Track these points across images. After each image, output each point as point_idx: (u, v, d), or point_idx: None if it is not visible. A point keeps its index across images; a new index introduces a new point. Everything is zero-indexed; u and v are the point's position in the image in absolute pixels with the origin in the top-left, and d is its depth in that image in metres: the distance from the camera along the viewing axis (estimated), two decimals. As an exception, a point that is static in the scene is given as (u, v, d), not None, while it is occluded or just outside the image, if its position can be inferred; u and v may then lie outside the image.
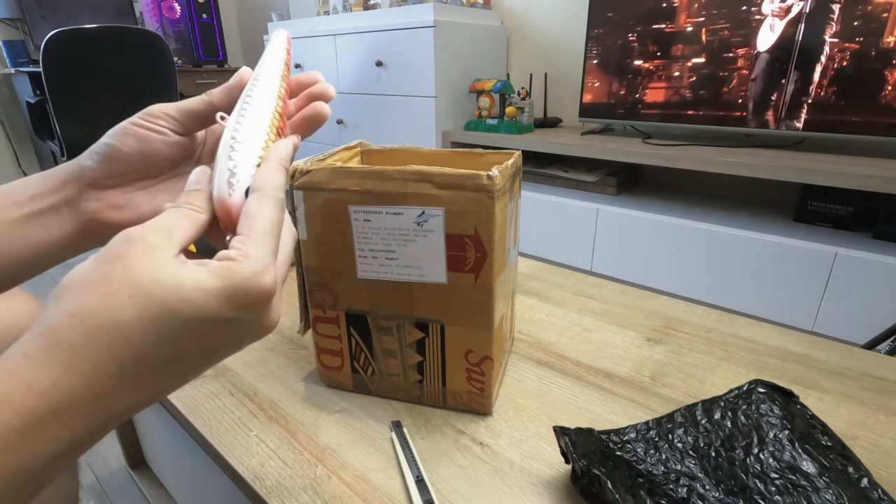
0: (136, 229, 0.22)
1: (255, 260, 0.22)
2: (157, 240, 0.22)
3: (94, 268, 0.21)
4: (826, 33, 1.35)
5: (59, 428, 0.19)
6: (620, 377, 0.54)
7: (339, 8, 2.52)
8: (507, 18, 2.24)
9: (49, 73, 2.00)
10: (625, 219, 1.62)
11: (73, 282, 0.21)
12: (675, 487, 0.37)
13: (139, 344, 0.20)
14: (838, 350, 0.59)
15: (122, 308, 0.20)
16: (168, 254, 0.22)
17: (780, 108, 1.47)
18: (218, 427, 0.48)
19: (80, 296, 0.20)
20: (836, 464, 0.37)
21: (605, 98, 1.81)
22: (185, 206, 0.25)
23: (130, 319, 0.20)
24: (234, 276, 0.22)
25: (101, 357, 0.19)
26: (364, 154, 0.57)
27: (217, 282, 0.21)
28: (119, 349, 0.20)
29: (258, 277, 0.22)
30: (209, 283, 0.21)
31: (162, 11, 2.96)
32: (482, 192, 0.40)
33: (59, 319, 0.20)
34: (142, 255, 0.21)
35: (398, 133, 2.18)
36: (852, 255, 1.25)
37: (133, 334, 0.20)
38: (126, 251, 0.21)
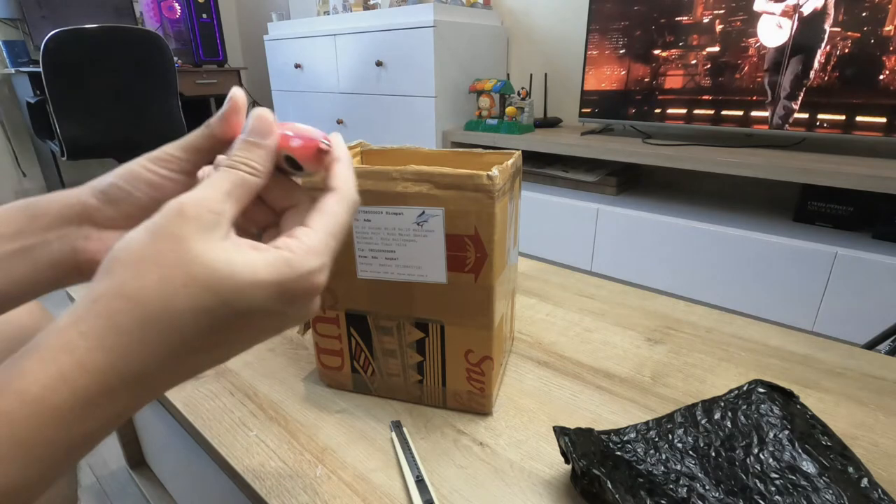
0: (189, 203, 0.21)
1: (314, 256, 0.23)
2: (212, 219, 0.21)
3: (147, 243, 0.21)
4: (826, 33, 1.35)
5: (110, 407, 0.20)
6: (620, 377, 0.54)
7: (339, 8, 2.52)
8: (507, 18, 2.24)
9: (49, 73, 2.00)
10: (625, 219, 1.62)
11: (126, 256, 0.20)
12: (675, 487, 0.37)
13: (190, 333, 0.20)
14: (838, 350, 0.59)
15: (176, 296, 0.20)
16: (222, 234, 0.22)
17: (780, 107, 1.47)
18: (218, 427, 0.48)
19: (135, 276, 0.20)
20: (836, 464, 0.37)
21: (605, 98, 1.81)
22: (243, 168, 0.24)
23: (184, 310, 0.20)
24: (291, 273, 0.22)
25: (155, 345, 0.20)
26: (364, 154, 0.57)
27: (273, 276, 0.21)
28: (171, 338, 0.20)
29: (312, 276, 0.22)
30: (264, 277, 0.21)
31: (162, 11, 2.96)
32: (482, 192, 0.40)
33: (114, 301, 0.20)
34: (196, 236, 0.21)
35: (398, 133, 2.18)
36: (852, 255, 1.25)
37: (186, 324, 0.20)
38: (181, 230, 0.21)
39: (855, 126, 1.37)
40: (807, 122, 1.43)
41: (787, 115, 1.46)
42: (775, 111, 1.48)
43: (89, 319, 0.20)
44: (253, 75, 3.53)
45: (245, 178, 0.23)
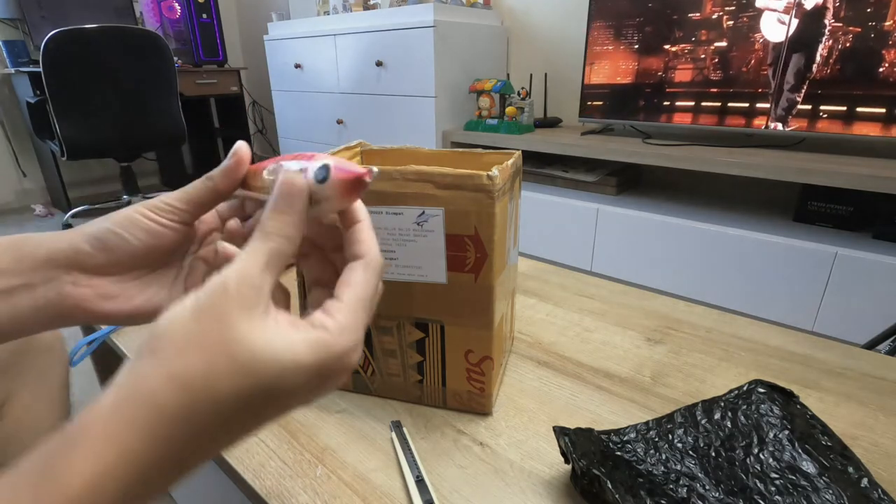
0: (232, 280, 0.21)
1: (349, 334, 0.23)
2: (253, 295, 0.21)
3: (192, 322, 0.21)
4: (826, 33, 1.35)
5: (146, 490, 0.20)
6: (620, 377, 0.54)
7: (339, 8, 2.52)
8: (507, 18, 2.24)
9: (49, 73, 2.00)
10: (625, 219, 1.62)
11: (172, 335, 0.20)
12: (675, 487, 0.37)
13: (230, 415, 0.21)
14: (838, 350, 0.59)
15: (220, 382, 0.20)
16: (263, 309, 0.22)
17: (780, 107, 1.47)
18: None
19: (181, 358, 0.20)
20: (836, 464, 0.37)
21: (605, 98, 1.81)
22: (276, 240, 0.23)
23: (228, 396, 0.20)
24: (329, 354, 0.22)
25: (198, 433, 0.20)
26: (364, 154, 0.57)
27: (311, 359, 0.21)
28: (214, 422, 0.20)
29: (349, 356, 0.23)
30: (303, 361, 0.21)
31: (162, 11, 2.96)
32: (482, 192, 0.40)
33: (159, 382, 0.20)
34: (239, 315, 0.21)
35: (398, 133, 2.18)
36: (852, 255, 1.25)
37: (227, 408, 0.20)
38: (224, 309, 0.21)
39: (855, 126, 1.37)
40: (807, 122, 1.43)
41: (787, 115, 1.46)
42: (776, 111, 1.48)
43: (135, 405, 0.19)
44: (253, 75, 3.53)
45: (279, 249, 0.23)
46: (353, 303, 0.24)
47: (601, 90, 1.81)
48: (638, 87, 1.73)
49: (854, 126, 1.37)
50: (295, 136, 2.78)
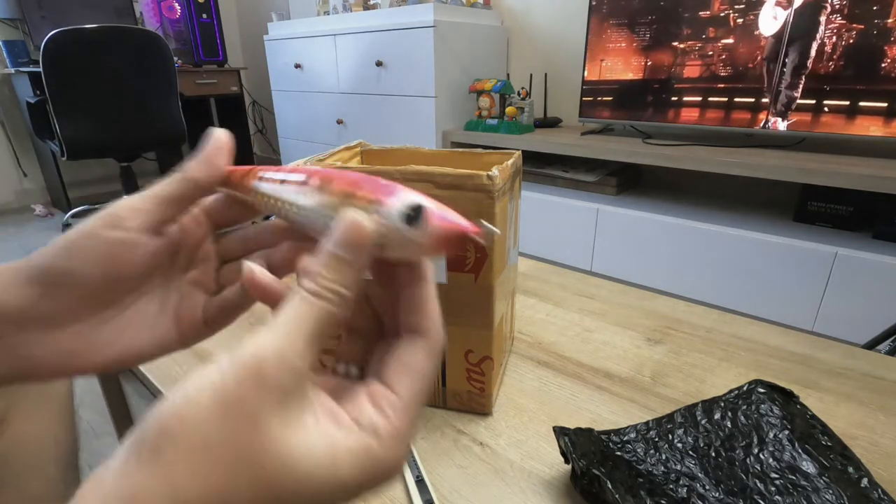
0: (270, 361, 0.16)
1: (401, 442, 0.18)
2: (293, 382, 0.16)
3: (213, 420, 0.15)
4: (827, 33, 1.35)
5: None
6: (620, 377, 0.54)
7: (339, 8, 2.52)
8: (507, 18, 2.24)
9: (49, 73, 2.00)
10: (625, 219, 1.62)
11: (183, 436, 0.15)
12: (675, 487, 0.37)
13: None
14: (838, 350, 0.59)
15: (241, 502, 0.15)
16: (300, 403, 0.17)
17: (780, 107, 1.47)
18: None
19: (193, 470, 0.15)
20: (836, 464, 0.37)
21: (605, 98, 1.81)
22: (330, 298, 0.18)
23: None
24: (376, 468, 0.18)
25: None
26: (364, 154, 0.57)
27: (356, 473, 0.17)
28: None
29: (398, 468, 0.19)
30: (347, 475, 0.17)
31: (162, 11, 2.96)
32: (482, 192, 0.40)
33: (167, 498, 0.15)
34: (272, 413, 0.16)
35: (398, 133, 2.18)
36: (852, 255, 1.25)
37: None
38: (256, 405, 0.15)
39: (856, 126, 1.37)
40: (807, 122, 1.44)
41: (787, 115, 1.46)
42: (776, 111, 1.48)
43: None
44: (253, 75, 3.53)
45: (332, 313, 0.18)
46: (412, 398, 0.19)
47: (601, 90, 1.81)
48: (638, 87, 1.73)
49: (854, 126, 1.37)
50: (295, 136, 2.78)
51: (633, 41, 1.69)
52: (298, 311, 0.17)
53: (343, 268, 0.18)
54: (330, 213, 0.20)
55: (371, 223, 0.18)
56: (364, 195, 0.20)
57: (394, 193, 0.20)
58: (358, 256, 0.18)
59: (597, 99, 1.83)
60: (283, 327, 0.17)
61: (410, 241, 0.19)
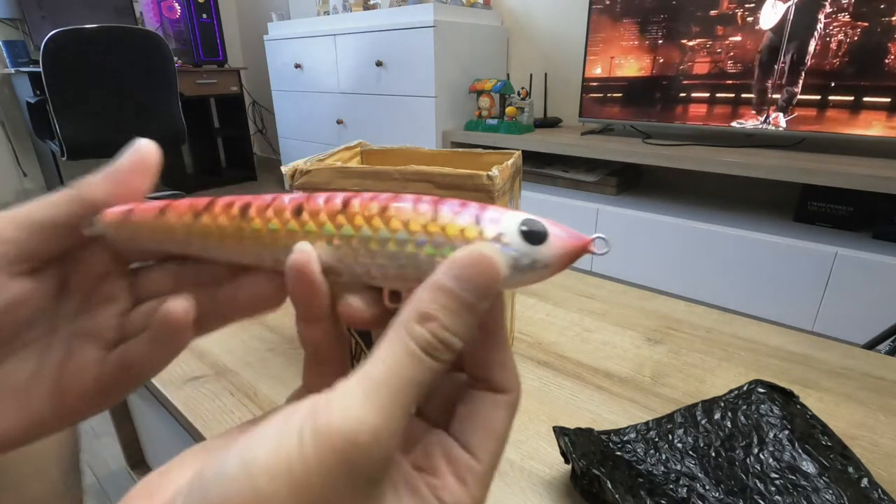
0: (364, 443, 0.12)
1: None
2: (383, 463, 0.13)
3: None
4: (827, 33, 1.35)
5: None
6: (620, 377, 0.54)
7: (339, 8, 2.52)
8: (507, 18, 2.24)
9: (49, 73, 2.00)
10: (625, 219, 1.62)
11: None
12: (675, 487, 0.37)
13: None
14: (838, 350, 0.59)
15: None
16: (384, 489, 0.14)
17: (780, 107, 1.47)
18: (218, 427, 0.48)
19: None
20: (836, 464, 0.37)
21: (605, 97, 1.81)
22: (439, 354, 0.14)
23: None
24: None
25: None
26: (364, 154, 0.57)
27: None
28: None
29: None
30: None
31: (162, 11, 2.96)
32: (482, 192, 0.40)
33: None
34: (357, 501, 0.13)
35: (398, 133, 2.18)
36: (852, 255, 1.25)
37: None
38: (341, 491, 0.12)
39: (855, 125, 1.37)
40: (807, 122, 1.44)
41: (787, 115, 1.46)
42: (775, 111, 1.48)
43: None
44: (253, 75, 3.53)
45: (439, 371, 0.14)
46: (493, 465, 0.16)
47: (601, 90, 1.81)
48: (638, 87, 1.73)
49: (854, 126, 1.37)
50: (295, 136, 2.78)
51: (634, 41, 1.69)
52: (404, 372, 0.13)
53: (465, 314, 0.14)
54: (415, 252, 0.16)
55: (499, 254, 0.15)
56: (458, 221, 0.16)
57: (496, 212, 0.16)
58: (484, 300, 0.15)
59: (597, 99, 1.83)
60: (382, 394, 0.13)
61: (535, 266, 0.16)
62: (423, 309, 0.14)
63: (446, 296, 0.14)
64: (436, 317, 0.14)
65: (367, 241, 0.16)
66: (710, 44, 1.54)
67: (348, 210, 0.17)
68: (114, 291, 0.19)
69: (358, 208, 0.17)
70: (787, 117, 1.46)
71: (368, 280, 0.17)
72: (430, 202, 0.16)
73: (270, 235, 0.17)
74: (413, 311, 0.14)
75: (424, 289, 0.14)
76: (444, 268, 0.15)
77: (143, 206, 0.18)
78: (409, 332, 0.14)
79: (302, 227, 0.17)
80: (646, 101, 1.72)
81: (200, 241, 0.18)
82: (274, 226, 0.17)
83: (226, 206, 0.18)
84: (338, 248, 0.16)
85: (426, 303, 0.14)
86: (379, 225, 0.16)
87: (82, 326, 0.19)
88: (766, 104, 1.49)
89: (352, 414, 0.12)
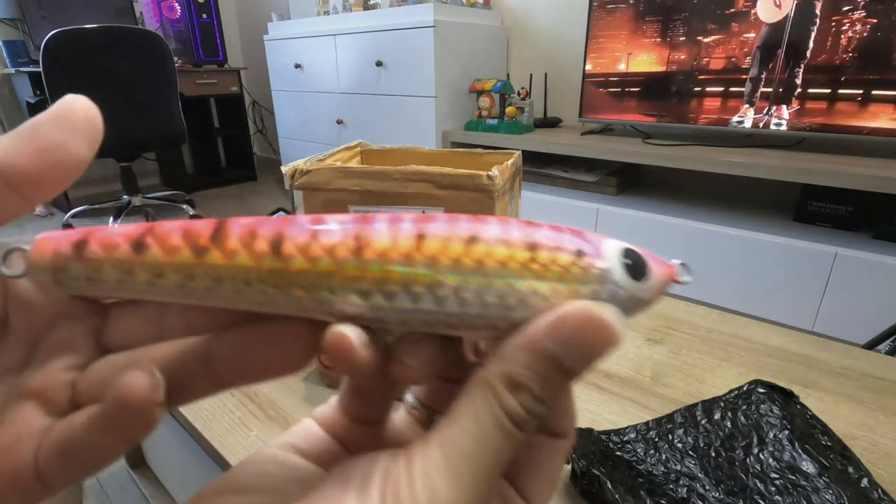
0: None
1: None
2: None
3: None
4: (827, 34, 1.35)
5: None
6: (620, 377, 0.54)
7: (339, 8, 2.52)
8: (507, 18, 2.24)
9: (49, 73, 2.00)
10: (625, 219, 1.62)
11: None
12: (675, 487, 0.37)
13: None
14: (838, 350, 0.59)
15: None
16: None
17: (780, 107, 1.47)
18: (218, 427, 0.48)
19: None
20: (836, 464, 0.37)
21: (605, 97, 1.81)
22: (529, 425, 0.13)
23: None
24: None
25: None
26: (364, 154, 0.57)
27: None
28: None
29: None
30: None
31: (162, 11, 2.96)
32: (482, 192, 0.40)
33: None
34: None
35: (398, 133, 2.18)
36: (852, 255, 1.25)
37: None
38: None
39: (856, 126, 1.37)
40: (807, 122, 1.43)
41: (787, 115, 1.46)
42: (775, 111, 1.48)
43: None
44: (253, 75, 3.53)
45: (525, 440, 0.13)
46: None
47: (601, 90, 1.81)
48: (638, 87, 1.73)
49: (854, 126, 1.37)
50: (295, 136, 2.78)
51: (634, 40, 1.69)
52: (491, 446, 0.12)
53: (560, 381, 0.12)
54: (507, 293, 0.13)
55: (614, 315, 0.12)
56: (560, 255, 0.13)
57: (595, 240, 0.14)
58: (586, 366, 0.12)
59: (597, 98, 1.83)
60: (469, 470, 0.12)
61: (637, 306, 0.13)
62: (517, 376, 0.12)
63: (546, 362, 0.12)
64: (530, 387, 0.12)
65: (456, 287, 0.13)
66: (711, 43, 1.54)
67: (424, 244, 0.13)
68: (71, 336, 0.14)
69: (438, 242, 0.13)
70: (788, 115, 1.46)
71: (441, 330, 0.13)
72: (520, 227, 0.13)
73: (320, 280, 0.13)
74: (504, 375, 0.12)
75: (519, 348, 0.12)
76: (546, 325, 0.12)
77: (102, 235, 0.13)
78: (499, 401, 0.12)
79: (364, 268, 0.13)
80: (646, 100, 1.72)
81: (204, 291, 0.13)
82: (326, 266, 0.13)
83: (245, 237, 0.13)
84: (412, 300, 0.13)
85: (521, 368, 0.12)
86: (467, 262, 0.13)
87: (23, 382, 0.14)
88: (767, 105, 1.49)
89: (440, 496, 0.11)
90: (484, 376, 0.12)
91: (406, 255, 0.13)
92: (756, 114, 1.51)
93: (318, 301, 0.13)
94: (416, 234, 0.13)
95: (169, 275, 0.13)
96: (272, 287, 0.13)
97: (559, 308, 0.12)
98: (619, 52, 1.73)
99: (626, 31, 1.69)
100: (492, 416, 0.12)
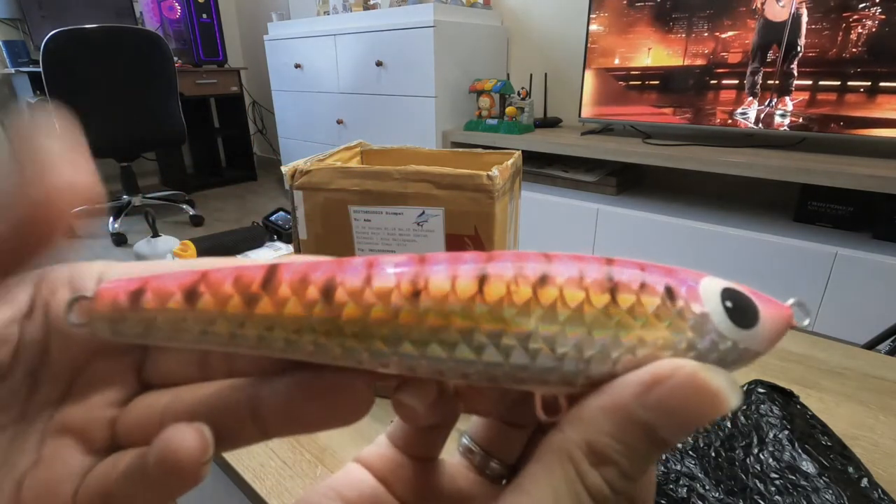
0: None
1: None
2: None
3: None
4: (828, 34, 1.35)
5: None
6: (620, 377, 0.54)
7: (339, 8, 2.52)
8: (507, 18, 2.24)
9: (49, 73, 2.00)
10: (625, 219, 1.62)
11: None
12: (675, 487, 0.37)
13: None
14: (838, 350, 0.59)
15: None
16: None
17: (779, 107, 1.47)
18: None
19: None
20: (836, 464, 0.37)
21: (605, 97, 1.81)
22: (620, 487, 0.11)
23: None
24: None
25: None
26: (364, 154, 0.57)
27: None
28: None
29: None
30: None
31: (162, 11, 2.96)
32: (482, 192, 0.40)
33: None
34: None
35: (398, 133, 2.18)
36: (852, 255, 1.25)
37: None
38: None
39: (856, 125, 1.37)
40: (807, 122, 1.43)
41: (787, 115, 1.46)
42: (775, 111, 1.48)
43: None
44: (253, 75, 3.53)
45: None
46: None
47: (601, 90, 1.81)
48: (638, 87, 1.73)
49: (854, 126, 1.37)
50: (295, 136, 2.78)
51: (634, 40, 1.69)
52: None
53: (652, 454, 0.11)
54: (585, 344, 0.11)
55: (720, 378, 0.10)
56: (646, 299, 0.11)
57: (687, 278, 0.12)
58: (685, 437, 0.11)
59: (597, 98, 1.83)
60: None
61: (743, 358, 0.12)
62: (602, 447, 0.11)
63: (636, 432, 0.10)
64: (617, 461, 0.10)
65: (523, 336, 0.11)
66: (712, 43, 1.54)
67: (487, 287, 0.11)
68: (111, 370, 0.14)
69: (502, 284, 0.11)
70: (791, 107, 1.46)
71: (508, 384, 0.12)
72: (597, 264, 0.12)
73: (372, 329, 0.12)
74: (586, 444, 0.11)
75: (604, 413, 0.11)
76: (636, 387, 0.10)
77: (157, 284, 0.13)
78: (581, 476, 0.11)
79: (421, 318, 0.12)
80: (646, 100, 1.72)
81: (256, 340, 0.12)
82: (378, 313, 0.12)
83: (296, 285, 0.12)
84: (473, 351, 0.11)
85: (606, 437, 0.10)
86: (536, 308, 0.11)
87: (62, 417, 0.13)
88: (767, 105, 1.49)
89: None
90: (562, 444, 0.11)
91: (467, 300, 0.11)
92: (760, 105, 1.51)
93: (372, 352, 0.12)
94: (478, 276, 0.12)
95: (220, 324, 0.12)
96: (323, 336, 0.12)
97: (651, 367, 0.10)
98: (618, 53, 1.73)
99: (627, 32, 1.69)
100: (572, 495, 0.10)
